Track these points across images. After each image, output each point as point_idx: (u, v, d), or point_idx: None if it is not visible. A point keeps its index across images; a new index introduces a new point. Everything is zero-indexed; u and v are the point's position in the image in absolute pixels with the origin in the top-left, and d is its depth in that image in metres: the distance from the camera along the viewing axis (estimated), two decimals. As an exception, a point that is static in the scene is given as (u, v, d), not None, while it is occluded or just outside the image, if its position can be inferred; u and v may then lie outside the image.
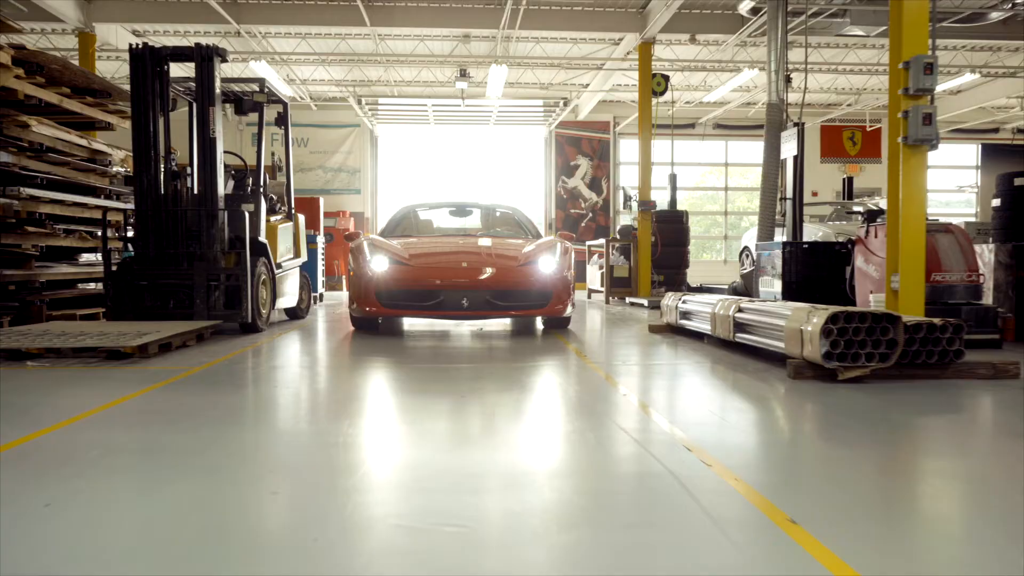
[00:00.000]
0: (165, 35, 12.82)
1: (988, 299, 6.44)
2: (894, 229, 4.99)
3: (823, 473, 2.48)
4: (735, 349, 5.51)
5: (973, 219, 17.62)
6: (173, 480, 2.32)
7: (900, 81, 4.86)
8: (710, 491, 2.17)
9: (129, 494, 2.19)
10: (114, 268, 6.56)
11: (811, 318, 4.13)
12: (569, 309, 6.64)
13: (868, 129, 18.67)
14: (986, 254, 6.58)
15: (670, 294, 6.92)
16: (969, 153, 20.07)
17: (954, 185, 20.35)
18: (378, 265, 6.33)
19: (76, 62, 11.46)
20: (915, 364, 4.20)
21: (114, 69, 14.38)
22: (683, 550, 1.75)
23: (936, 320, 4.18)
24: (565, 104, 17.05)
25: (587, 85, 16.34)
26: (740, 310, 5.23)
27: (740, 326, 5.22)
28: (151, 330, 5.49)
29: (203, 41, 12.94)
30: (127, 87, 10.32)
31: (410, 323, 7.83)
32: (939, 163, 20.44)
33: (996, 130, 19.53)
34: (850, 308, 4.11)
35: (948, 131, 19.58)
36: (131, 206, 8.73)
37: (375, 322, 6.97)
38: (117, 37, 12.03)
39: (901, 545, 1.80)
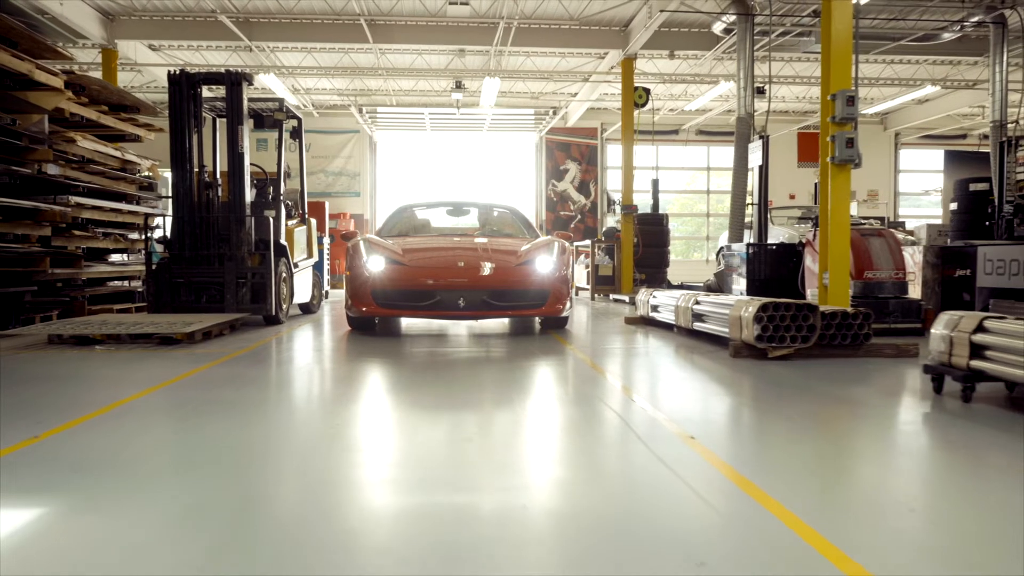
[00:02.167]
0: (180, 49, 13.70)
1: (917, 294, 7.40)
2: (825, 234, 5.93)
3: (729, 414, 3.42)
4: (695, 336, 6.44)
5: (939, 221, 18.59)
6: (248, 419, 3.25)
7: (829, 110, 5.81)
8: (641, 422, 3.11)
9: (226, 424, 3.11)
10: (154, 267, 7.44)
11: (747, 308, 5.07)
12: (567, 309, 6.57)
13: (842, 135, 19.66)
14: (917, 255, 7.52)
15: (643, 290, 7.85)
16: (939, 158, 21.11)
17: (921, 189, 21.40)
18: (374, 265, 6.28)
19: (99, 75, 12.32)
20: (833, 345, 5.14)
21: (130, 79, 15.23)
22: (614, 447, 2.69)
23: (849, 309, 5.13)
24: (554, 113, 17.99)
25: (575, 94, 17.28)
26: (697, 303, 6.17)
27: (697, 316, 6.16)
28: (194, 320, 6.38)
29: (216, 55, 13.93)
30: (144, 96, 11.04)
31: (408, 321, 8.28)
32: (912, 167, 21.51)
33: (964, 136, 20.58)
34: (778, 299, 5.05)
35: (918, 137, 20.65)
36: (158, 211, 9.65)
37: (371, 322, 6.98)
38: (136, 52, 12.91)
39: (760, 447, 2.74)
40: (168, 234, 7.82)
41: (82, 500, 2.14)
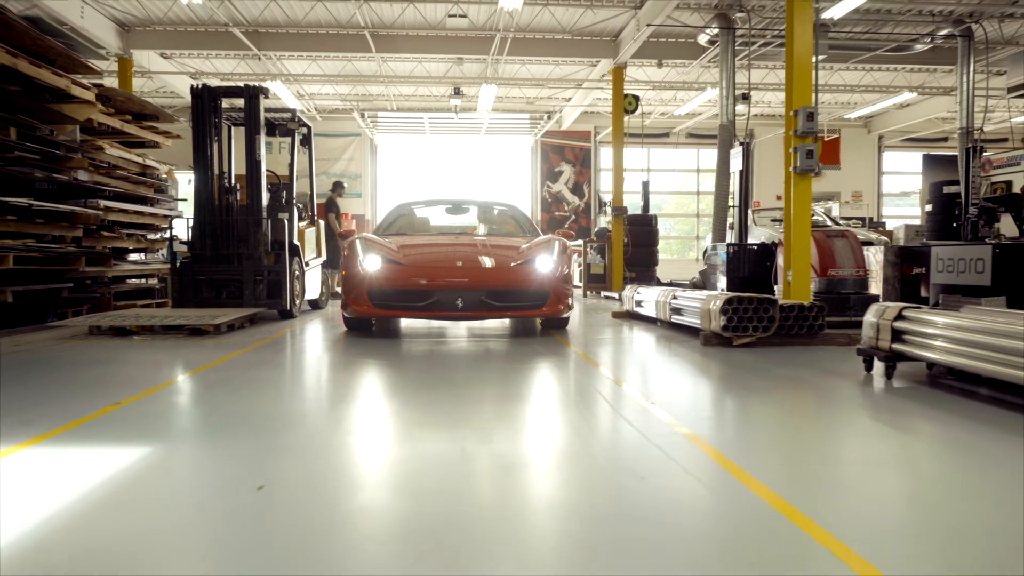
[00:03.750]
0: (190, 57, 14.32)
1: (878, 290, 8.07)
2: (788, 236, 6.60)
3: (687, 387, 4.08)
4: (674, 328, 7.10)
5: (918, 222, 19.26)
6: (284, 392, 3.91)
7: (791, 125, 6.47)
8: (614, 394, 3.77)
9: (263, 396, 3.77)
10: (178, 266, 8.07)
11: (715, 301, 5.73)
12: (568, 309, 6.43)
13: (826, 139, 20.33)
14: (878, 255, 8.18)
15: (628, 287, 8.51)
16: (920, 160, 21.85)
17: (899, 190, 22.14)
18: (370, 264, 6.14)
19: (114, 83, 12.94)
20: (791, 335, 5.81)
21: (141, 84, 15.83)
22: (590, 411, 3.35)
23: (805, 302, 5.80)
24: (549, 117, 18.66)
25: (569, 99, 17.94)
26: (675, 298, 6.82)
27: (675, 310, 6.82)
28: (219, 314, 7.01)
29: (224, 63, 14.58)
30: (154, 100, 11.48)
31: (408, 319, 9.03)
32: (895, 169, 22.23)
33: (945, 139, 21.27)
34: (742, 294, 5.71)
35: (901, 140, 21.35)
36: (175, 212, 10.29)
37: (368, 323, 6.83)
38: (149, 60, 13.54)
39: (703, 408, 3.40)
40: (179, 235, 8.44)
41: (175, 444, 2.79)
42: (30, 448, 2.65)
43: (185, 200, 11.41)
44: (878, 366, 4.43)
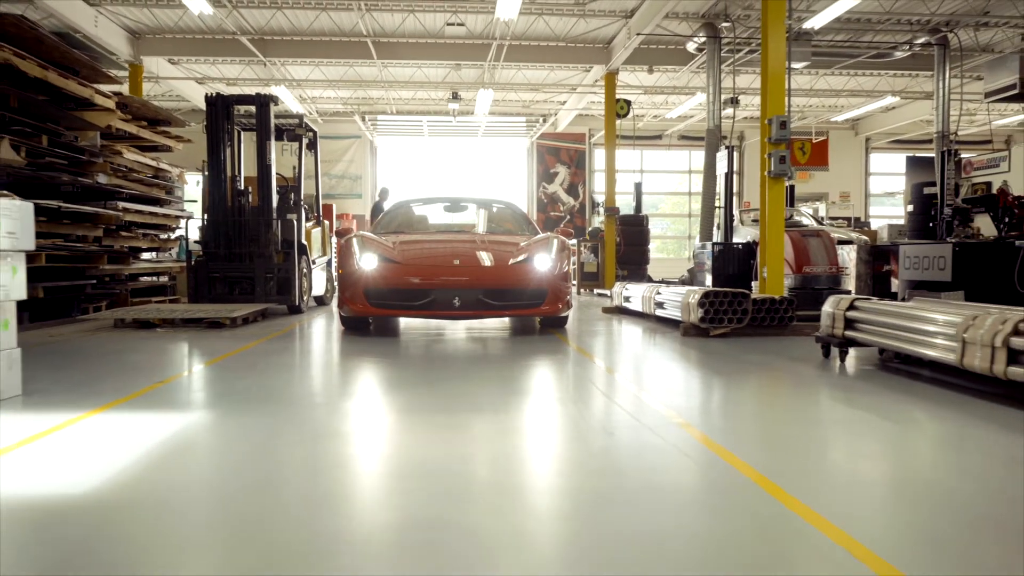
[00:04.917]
0: (197, 63, 14.81)
1: (851, 286, 8.59)
2: (763, 235, 7.12)
3: (664, 371, 4.61)
4: (658, 321, 7.61)
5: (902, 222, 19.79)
6: (296, 375, 4.42)
7: (766, 132, 6.99)
8: (599, 377, 4.28)
9: (285, 376, 4.28)
10: (193, 263, 8.57)
11: (693, 295, 6.25)
12: (567, 308, 6.36)
13: (815, 141, 20.86)
14: (852, 253, 8.71)
15: (617, 284, 9.03)
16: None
17: (883, 191, 22.71)
18: (367, 263, 6.11)
19: (125, 88, 13.42)
20: (763, 325, 6.32)
21: (148, 88, 16.30)
22: (580, 385, 3.87)
23: (776, 296, 6.32)
24: (544, 120, 19.19)
25: (564, 103, 18.47)
26: (659, 293, 7.34)
27: (659, 304, 7.33)
28: (234, 309, 7.51)
29: (230, 68, 15.08)
30: (160, 104, 11.91)
31: (406, 319, 9.16)
32: (882, 170, 22.79)
33: (930, 140, 21.77)
34: (718, 288, 6.23)
35: (888, 141, 21.91)
36: (185, 213, 10.78)
37: (365, 322, 6.76)
38: (158, 66, 14.03)
39: (669, 385, 3.92)
40: (187, 234, 8.94)
41: (221, 410, 3.30)
42: (105, 413, 3.15)
43: (194, 201, 11.91)
44: (834, 352, 4.95)
